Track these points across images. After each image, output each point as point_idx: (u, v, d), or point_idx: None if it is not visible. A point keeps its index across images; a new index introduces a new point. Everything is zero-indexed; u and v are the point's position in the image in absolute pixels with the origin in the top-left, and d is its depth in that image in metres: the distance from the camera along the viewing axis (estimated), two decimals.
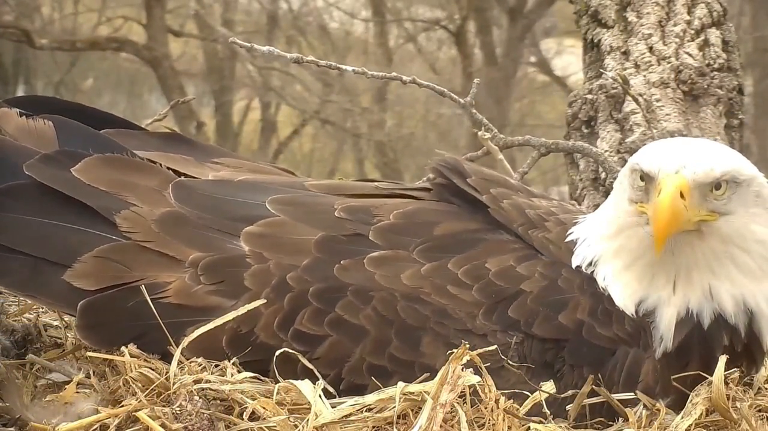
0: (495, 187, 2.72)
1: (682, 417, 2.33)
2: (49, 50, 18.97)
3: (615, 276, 2.52)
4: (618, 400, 2.38)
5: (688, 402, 2.37)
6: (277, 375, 2.37)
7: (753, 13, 18.05)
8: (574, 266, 2.56)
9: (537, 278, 2.50)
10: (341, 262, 2.50)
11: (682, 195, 2.35)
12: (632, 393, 2.40)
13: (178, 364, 2.38)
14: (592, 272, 2.54)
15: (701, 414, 2.34)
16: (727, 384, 2.37)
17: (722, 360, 2.38)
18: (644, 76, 4.89)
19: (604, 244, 2.56)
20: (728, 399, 2.36)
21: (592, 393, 2.37)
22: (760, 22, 18.13)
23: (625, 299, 2.49)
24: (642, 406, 2.38)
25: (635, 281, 2.50)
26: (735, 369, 2.41)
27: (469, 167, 2.76)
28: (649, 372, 2.43)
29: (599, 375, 2.38)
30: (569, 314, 2.46)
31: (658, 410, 2.37)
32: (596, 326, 2.45)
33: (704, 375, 2.40)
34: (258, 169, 2.93)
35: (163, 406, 2.30)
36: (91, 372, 2.53)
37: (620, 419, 2.38)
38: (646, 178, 2.44)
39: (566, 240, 2.61)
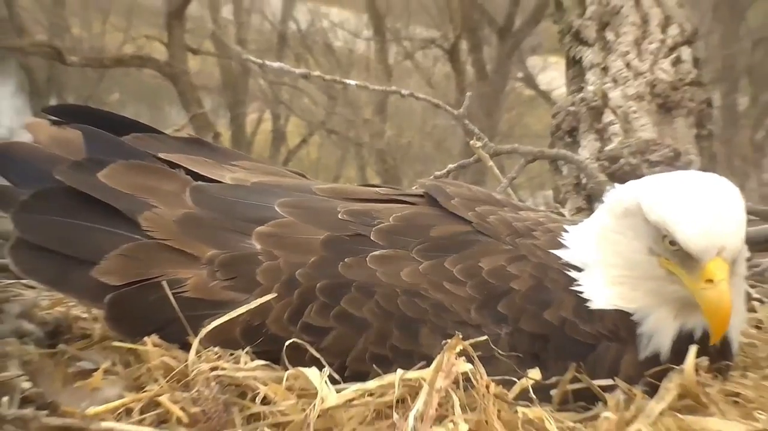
0: (480, 205, 2.72)
1: (657, 402, 2.32)
2: (79, 67, 18.99)
3: (608, 289, 2.48)
4: (598, 386, 2.38)
5: (661, 387, 2.36)
6: (286, 363, 2.36)
7: (721, 33, 18.12)
8: (561, 269, 2.53)
9: (526, 277, 2.49)
10: (345, 260, 2.49)
11: None
12: (610, 380, 2.39)
13: (196, 353, 2.37)
14: (580, 279, 2.51)
15: (674, 398, 2.34)
16: (697, 371, 2.36)
17: (693, 349, 2.38)
18: (622, 90, 4.90)
19: (600, 263, 2.51)
20: (698, 385, 2.36)
21: (575, 380, 2.36)
22: (727, 40, 18.21)
23: (614, 304, 2.47)
24: (620, 392, 2.37)
25: (630, 296, 2.46)
26: (705, 357, 2.40)
27: (451, 190, 2.76)
28: (629, 364, 2.42)
29: (582, 367, 2.37)
30: (553, 312, 2.45)
31: (635, 395, 2.36)
32: (578, 323, 2.44)
33: (675, 367, 2.39)
34: (271, 171, 2.93)
35: (183, 391, 2.30)
36: (116, 361, 2.53)
37: (600, 403, 2.37)
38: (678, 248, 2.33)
39: (554, 249, 2.58)
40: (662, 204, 2.34)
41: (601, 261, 2.51)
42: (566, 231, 2.65)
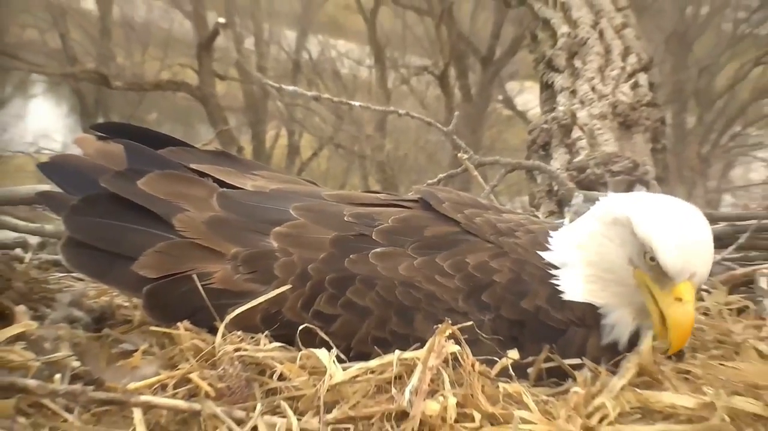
0: (467, 208, 2.69)
1: (619, 378, 2.31)
2: (122, 90, 19.05)
3: (581, 285, 2.46)
4: (568, 365, 2.36)
5: (621, 365, 2.35)
6: (300, 345, 2.35)
7: (672, 62, 18.24)
8: (538, 265, 2.50)
9: (506, 271, 2.48)
10: (351, 256, 2.48)
11: None
12: (578, 359, 2.37)
13: (222, 336, 2.36)
14: (556, 274, 2.48)
15: (633, 375, 2.33)
16: (652, 352, 2.35)
17: (648, 333, 2.37)
18: (588, 110, 4.89)
19: (580, 264, 2.47)
20: (654, 364, 2.35)
21: (548, 360, 2.35)
22: (677, 68, 18.32)
23: (584, 298, 2.44)
24: (587, 370, 2.36)
25: (599, 294, 2.44)
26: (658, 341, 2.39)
27: (442, 195, 2.73)
28: (593, 347, 2.41)
29: (553, 348, 2.36)
30: (529, 301, 2.43)
31: (600, 372, 2.35)
32: (551, 311, 2.43)
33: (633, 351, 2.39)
34: (287, 180, 2.92)
35: (210, 369, 2.29)
36: (153, 343, 2.52)
37: (570, 380, 2.36)
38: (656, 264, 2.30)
39: (535, 248, 2.55)
40: (651, 223, 2.32)
41: (581, 260, 2.48)
42: (550, 235, 2.60)
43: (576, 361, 2.37)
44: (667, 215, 2.34)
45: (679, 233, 2.29)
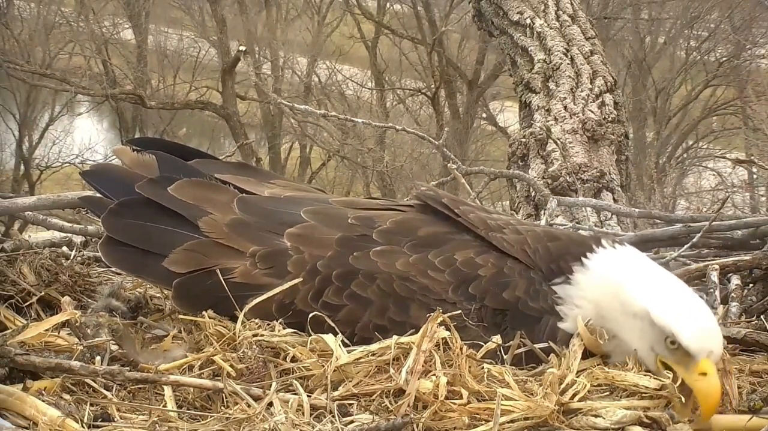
0: (462, 205, 2.68)
1: (573, 357, 2.27)
2: (156, 109, 19.05)
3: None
4: (540, 349, 2.34)
5: (570, 344, 2.31)
6: (310, 331, 2.33)
7: (634, 84, 18.33)
8: (519, 262, 2.45)
9: (489, 266, 2.45)
10: (354, 254, 2.46)
11: None
12: (551, 344, 2.34)
13: (241, 323, 2.35)
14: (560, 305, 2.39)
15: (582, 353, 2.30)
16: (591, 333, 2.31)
17: (579, 319, 2.34)
18: (561, 126, 4.89)
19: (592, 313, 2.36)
20: (595, 341, 2.30)
21: (523, 345, 2.32)
22: (638, 90, 18.41)
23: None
24: (554, 354, 2.33)
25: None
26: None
27: (441, 193, 2.71)
28: (565, 333, 2.37)
29: (531, 335, 2.34)
30: (510, 292, 2.41)
31: (565, 355, 2.32)
32: (528, 301, 2.40)
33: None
34: (299, 188, 2.90)
35: (231, 352, 2.29)
36: (182, 329, 2.50)
37: (545, 363, 2.33)
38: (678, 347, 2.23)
39: (550, 291, 2.43)
40: (670, 314, 2.25)
41: (595, 313, 2.36)
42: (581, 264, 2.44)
43: (545, 345, 2.34)
44: (681, 304, 2.29)
45: (696, 319, 2.25)
